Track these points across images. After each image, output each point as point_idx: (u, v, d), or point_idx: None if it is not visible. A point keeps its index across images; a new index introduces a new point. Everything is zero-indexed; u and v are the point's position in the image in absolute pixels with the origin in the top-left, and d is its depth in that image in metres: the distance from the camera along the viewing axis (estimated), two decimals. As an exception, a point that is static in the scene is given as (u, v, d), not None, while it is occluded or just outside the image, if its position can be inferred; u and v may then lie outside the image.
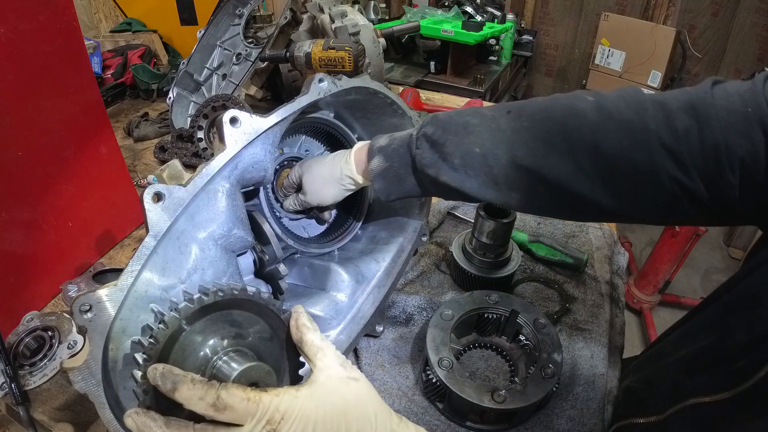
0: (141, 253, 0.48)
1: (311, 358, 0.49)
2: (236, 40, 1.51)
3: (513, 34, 3.03)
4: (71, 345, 0.82)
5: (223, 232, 0.58)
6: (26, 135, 0.83)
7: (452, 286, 1.00)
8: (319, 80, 0.64)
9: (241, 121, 0.56)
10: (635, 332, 2.67)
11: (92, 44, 1.74)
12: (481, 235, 0.92)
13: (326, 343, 0.50)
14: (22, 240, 0.86)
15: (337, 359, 0.49)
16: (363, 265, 0.84)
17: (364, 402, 0.47)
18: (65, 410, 0.75)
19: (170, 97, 1.47)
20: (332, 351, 0.50)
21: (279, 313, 0.51)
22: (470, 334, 0.86)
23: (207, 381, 0.42)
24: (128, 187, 1.10)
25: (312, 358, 0.49)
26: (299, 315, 0.51)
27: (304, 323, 0.50)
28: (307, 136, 0.86)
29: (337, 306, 0.80)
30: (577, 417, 0.74)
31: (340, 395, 0.46)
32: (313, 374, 0.47)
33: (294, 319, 0.51)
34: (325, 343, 0.50)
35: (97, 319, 0.45)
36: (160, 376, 0.42)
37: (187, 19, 2.04)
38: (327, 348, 0.50)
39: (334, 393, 0.46)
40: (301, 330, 0.50)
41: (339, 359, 0.49)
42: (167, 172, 0.93)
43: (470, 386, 0.69)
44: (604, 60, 3.04)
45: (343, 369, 0.49)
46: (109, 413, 0.46)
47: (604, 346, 0.86)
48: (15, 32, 0.76)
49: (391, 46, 2.46)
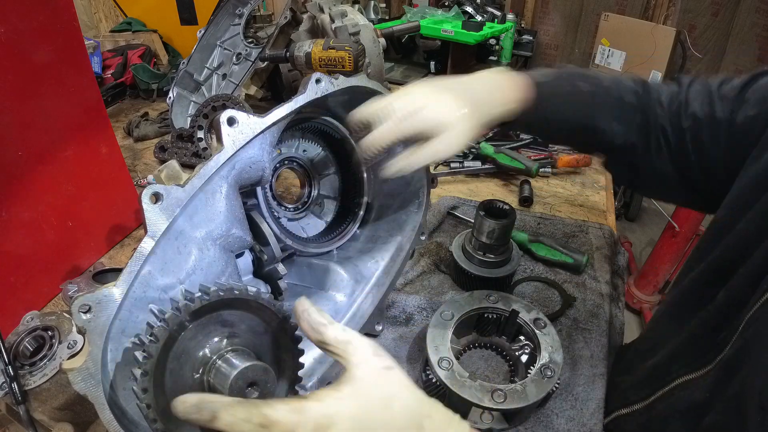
0: (140, 253, 0.48)
1: (342, 354, 0.45)
2: (236, 40, 1.51)
3: (513, 34, 3.02)
4: (71, 345, 0.82)
5: (222, 232, 0.58)
6: (26, 135, 0.83)
7: (452, 286, 0.99)
8: (316, 80, 0.64)
9: (239, 121, 0.56)
10: (635, 332, 2.67)
11: (92, 44, 1.74)
12: (481, 235, 0.92)
13: (350, 334, 0.46)
14: (22, 240, 0.86)
15: (370, 348, 0.46)
16: (362, 265, 0.84)
17: (403, 392, 0.46)
18: (65, 410, 0.75)
19: (170, 97, 1.47)
20: (361, 341, 0.46)
21: (279, 313, 0.51)
22: (470, 334, 0.86)
23: (244, 401, 0.40)
24: (128, 187, 1.10)
25: (343, 355, 0.45)
26: (309, 313, 0.46)
27: (318, 321, 0.46)
28: (305, 136, 0.86)
29: (336, 305, 0.80)
30: (577, 417, 0.74)
31: (380, 388, 0.44)
32: (349, 371, 0.44)
33: (305, 321, 0.46)
34: (349, 333, 0.46)
35: (96, 319, 0.45)
36: (193, 408, 0.39)
37: (187, 19, 2.04)
38: (354, 339, 0.46)
39: (376, 387, 0.44)
40: (319, 330, 0.46)
41: (371, 347, 0.46)
42: (165, 172, 0.93)
43: (470, 386, 0.69)
44: (604, 60, 3.03)
45: (378, 358, 0.46)
46: (109, 414, 0.46)
47: (604, 346, 0.86)
48: (15, 32, 0.76)
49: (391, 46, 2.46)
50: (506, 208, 0.93)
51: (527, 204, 1.26)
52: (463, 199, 1.25)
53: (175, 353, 0.46)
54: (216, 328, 0.48)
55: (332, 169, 0.91)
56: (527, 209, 1.25)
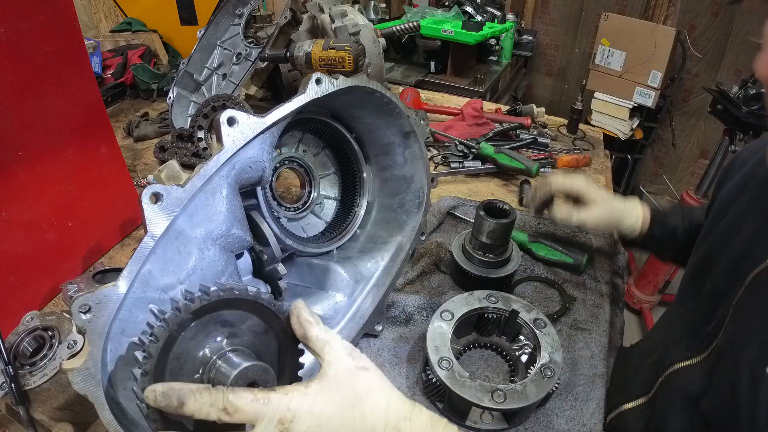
0: (140, 253, 0.48)
1: (318, 352, 0.48)
2: (236, 40, 1.51)
3: (513, 34, 3.03)
4: (71, 345, 0.82)
5: (222, 232, 0.58)
6: (26, 135, 0.83)
7: (452, 286, 0.99)
8: (316, 80, 0.64)
9: (239, 121, 0.56)
10: (635, 332, 2.67)
11: (92, 44, 1.74)
12: (481, 235, 0.92)
13: (331, 335, 0.49)
14: (22, 240, 0.86)
15: (345, 349, 0.48)
16: (362, 265, 0.84)
17: (376, 392, 0.47)
18: (65, 410, 0.75)
19: (170, 97, 1.47)
20: (338, 342, 0.49)
21: (279, 313, 0.51)
22: (470, 334, 0.86)
23: (210, 387, 0.42)
24: (128, 187, 1.10)
25: (320, 353, 0.48)
26: (300, 310, 0.50)
27: (306, 318, 0.49)
28: (305, 136, 0.86)
29: (336, 305, 0.80)
30: (577, 417, 0.74)
31: (350, 387, 0.46)
32: (322, 368, 0.47)
33: (295, 316, 0.50)
34: (330, 334, 0.49)
35: (96, 320, 0.45)
36: (162, 396, 0.41)
37: (187, 19, 2.04)
38: (333, 340, 0.49)
39: (345, 386, 0.46)
40: (305, 326, 0.49)
41: (346, 349, 0.49)
42: (165, 172, 0.93)
43: (470, 386, 0.69)
44: (604, 60, 3.03)
45: (351, 359, 0.48)
46: (109, 414, 0.46)
47: (604, 347, 0.86)
48: (15, 32, 0.76)
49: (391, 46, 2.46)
50: (506, 208, 0.93)
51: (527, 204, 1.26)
52: (463, 199, 1.25)
53: (175, 353, 0.46)
54: (216, 328, 0.48)
55: (332, 169, 0.91)
56: (527, 209, 1.25)
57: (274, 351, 0.52)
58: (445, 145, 1.47)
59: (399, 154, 0.85)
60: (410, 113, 0.80)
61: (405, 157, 0.85)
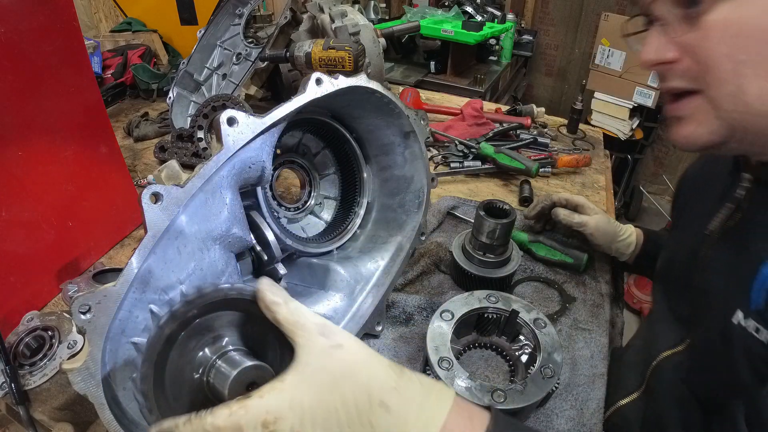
0: (139, 253, 0.48)
1: (291, 336, 0.44)
2: (236, 40, 1.51)
3: (513, 34, 3.03)
4: (71, 345, 0.82)
5: (222, 232, 0.58)
6: (26, 135, 0.83)
7: (452, 286, 0.99)
8: (316, 80, 0.63)
9: (239, 121, 0.56)
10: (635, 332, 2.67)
11: (92, 44, 1.74)
12: (481, 235, 0.92)
13: (300, 313, 0.44)
14: (22, 240, 0.86)
15: (316, 327, 0.44)
16: (362, 265, 0.84)
17: (354, 370, 0.43)
18: (65, 410, 0.75)
19: (170, 97, 1.47)
20: (310, 320, 0.44)
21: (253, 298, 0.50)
22: (470, 334, 0.86)
23: (194, 415, 0.40)
24: (128, 187, 1.10)
25: (292, 336, 0.43)
26: (264, 293, 0.45)
27: (272, 300, 0.44)
28: (305, 136, 0.86)
29: (336, 305, 0.80)
30: (577, 417, 0.74)
31: (326, 371, 0.42)
32: (296, 354, 0.43)
33: (261, 299, 0.45)
34: (299, 313, 0.44)
35: (96, 320, 0.45)
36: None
37: (187, 19, 2.04)
38: (302, 318, 0.44)
39: (320, 370, 0.42)
40: (272, 309, 0.44)
41: (318, 327, 0.44)
42: (165, 172, 0.93)
43: (470, 386, 0.69)
44: (604, 60, 3.03)
45: (324, 338, 0.43)
46: (109, 414, 0.46)
47: (604, 346, 0.86)
48: (15, 32, 0.76)
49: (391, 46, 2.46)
50: (506, 208, 0.93)
51: (527, 204, 1.26)
52: (463, 199, 1.25)
53: (175, 354, 0.46)
54: (216, 328, 0.48)
55: (332, 169, 0.91)
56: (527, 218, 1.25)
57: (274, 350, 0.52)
58: (445, 145, 1.47)
59: (399, 154, 0.85)
60: (410, 113, 0.80)
61: (405, 157, 0.85)
